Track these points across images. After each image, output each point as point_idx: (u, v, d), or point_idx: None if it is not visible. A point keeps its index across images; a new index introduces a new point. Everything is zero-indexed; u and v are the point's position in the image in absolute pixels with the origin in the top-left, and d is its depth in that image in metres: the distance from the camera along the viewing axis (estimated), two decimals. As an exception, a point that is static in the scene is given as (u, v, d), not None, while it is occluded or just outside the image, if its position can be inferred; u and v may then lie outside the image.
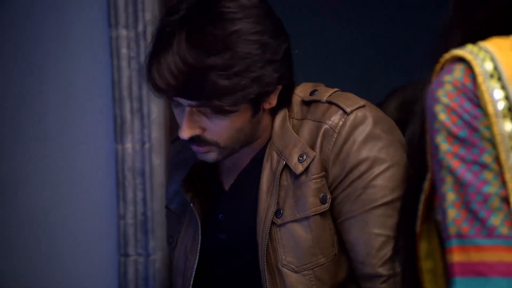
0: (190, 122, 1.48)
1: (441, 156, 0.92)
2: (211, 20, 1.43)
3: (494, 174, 0.89)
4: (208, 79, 1.41)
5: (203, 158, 1.53)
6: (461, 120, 0.91)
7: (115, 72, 2.03)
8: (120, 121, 2.04)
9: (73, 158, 2.09)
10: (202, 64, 1.41)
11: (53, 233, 2.10)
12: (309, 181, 1.49)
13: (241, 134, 1.52)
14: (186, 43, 1.41)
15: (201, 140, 1.50)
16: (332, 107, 1.51)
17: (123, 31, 2.02)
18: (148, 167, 2.04)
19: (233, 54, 1.42)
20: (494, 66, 0.92)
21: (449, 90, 0.92)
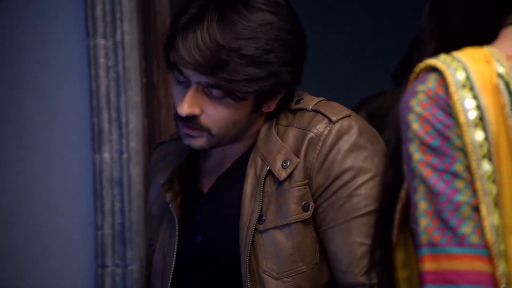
0: (193, 99, 1.50)
1: (413, 165, 0.93)
2: (245, 6, 1.48)
3: (465, 183, 0.90)
4: (231, 61, 1.46)
5: (190, 143, 1.54)
6: (434, 129, 0.92)
7: (93, 82, 2.03)
8: (98, 131, 2.03)
9: (50, 167, 2.09)
10: (230, 45, 1.45)
11: (29, 243, 2.09)
12: (292, 188, 1.50)
13: (235, 127, 1.53)
14: (218, 23, 1.46)
15: (195, 122, 1.52)
16: (317, 116, 1.52)
17: (101, 41, 2.03)
18: (126, 177, 2.03)
19: (259, 44, 1.47)
20: (466, 76, 0.93)
21: (422, 99, 0.93)
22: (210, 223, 1.59)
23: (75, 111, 2.06)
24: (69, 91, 2.07)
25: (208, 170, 1.64)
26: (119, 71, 2.02)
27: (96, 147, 2.04)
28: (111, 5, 2.01)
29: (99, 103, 2.03)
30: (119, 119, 2.03)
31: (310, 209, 1.50)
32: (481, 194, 0.89)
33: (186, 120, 1.52)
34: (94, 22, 2.02)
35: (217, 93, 1.50)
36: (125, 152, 2.04)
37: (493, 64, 0.94)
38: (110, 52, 2.03)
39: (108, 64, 2.03)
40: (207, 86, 1.49)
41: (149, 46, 2.06)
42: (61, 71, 2.07)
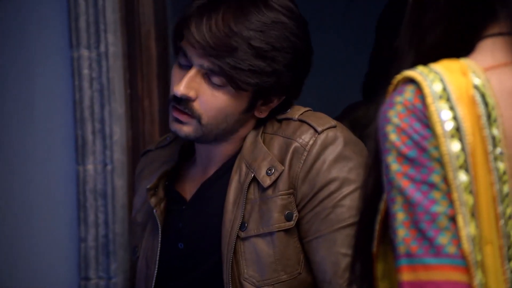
0: (191, 81, 1.53)
1: (391, 176, 0.93)
2: (262, 2, 1.53)
3: (442, 193, 0.91)
4: (240, 49, 1.50)
5: (177, 128, 1.56)
6: (411, 140, 0.93)
7: (77, 93, 2.03)
8: (82, 142, 2.04)
9: (34, 179, 2.08)
10: (242, 33, 1.50)
11: (11, 255, 2.08)
12: (275, 196, 1.51)
13: (224, 122, 1.55)
14: (234, 11, 1.51)
15: (187, 107, 1.53)
16: (303, 126, 1.54)
17: (84, 52, 2.03)
18: (110, 189, 2.03)
19: (269, 39, 1.51)
20: (443, 87, 0.94)
21: (400, 110, 0.94)
22: (192, 230, 1.60)
23: (59, 122, 2.06)
24: (52, 102, 2.07)
25: (192, 177, 1.65)
26: (103, 82, 2.03)
27: (80, 158, 2.04)
28: (95, 17, 2.02)
29: (83, 115, 2.03)
30: (103, 130, 2.03)
31: (293, 219, 1.51)
32: (457, 205, 0.90)
33: (179, 102, 1.53)
34: (77, 33, 2.03)
35: (217, 80, 1.52)
36: (109, 164, 2.04)
37: (469, 75, 0.95)
38: (94, 63, 2.03)
39: (92, 75, 2.03)
40: (209, 71, 1.52)
41: (133, 57, 2.07)
42: (44, 82, 2.07)
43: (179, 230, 1.61)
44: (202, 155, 1.64)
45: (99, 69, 2.03)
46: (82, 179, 2.04)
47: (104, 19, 2.02)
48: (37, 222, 2.08)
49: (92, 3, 2.02)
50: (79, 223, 2.04)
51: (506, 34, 0.99)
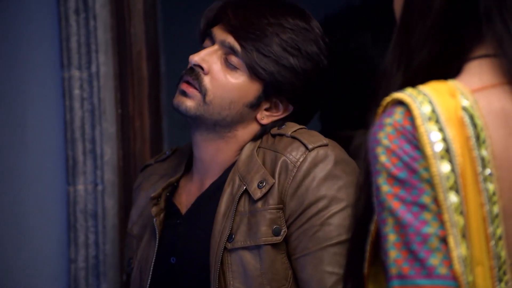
0: (208, 55, 1.57)
1: (382, 197, 0.94)
2: (299, 12, 1.61)
3: (433, 214, 0.92)
4: (268, 36, 1.54)
5: (180, 101, 1.58)
6: (401, 161, 0.94)
7: (67, 113, 2.04)
8: (72, 162, 2.04)
9: (24, 199, 2.08)
10: (274, 25, 1.56)
11: (1, 275, 2.08)
12: (264, 210, 1.52)
13: (228, 107, 1.57)
14: (272, 7, 1.58)
15: (197, 79, 1.56)
16: (295, 142, 1.55)
17: (75, 72, 2.04)
18: (100, 209, 2.03)
19: (296, 38, 1.57)
20: (432, 109, 0.95)
21: (390, 132, 0.95)
22: (185, 245, 1.60)
23: (49, 142, 2.06)
24: (43, 123, 2.07)
25: (189, 189, 1.66)
26: (94, 103, 2.03)
27: (70, 178, 2.04)
28: (86, 37, 2.03)
29: (74, 135, 2.03)
30: (94, 150, 2.04)
31: (281, 234, 1.51)
32: (448, 226, 0.91)
33: (190, 72, 1.57)
34: (68, 54, 2.03)
35: (235, 61, 1.56)
36: (100, 184, 2.04)
37: (458, 97, 0.96)
38: (85, 84, 2.04)
39: (83, 96, 2.04)
40: (230, 49, 1.56)
41: (124, 77, 2.07)
42: (35, 102, 2.07)
43: (172, 244, 1.62)
44: (198, 167, 1.65)
45: (90, 89, 2.03)
46: (72, 200, 2.03)
47: (95, 40, 2.03)
48: (27, 243, 2.07)
49: (83, 23, 2.03)
50: (69, 243, 2.03)
51: (493, 56, 1.00)
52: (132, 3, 2.07)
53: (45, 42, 2.06)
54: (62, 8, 2.02)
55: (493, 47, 1.00)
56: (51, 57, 2.05)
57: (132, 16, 2.07)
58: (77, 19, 2.02)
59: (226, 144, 1.61)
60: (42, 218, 2.07)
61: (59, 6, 2.02)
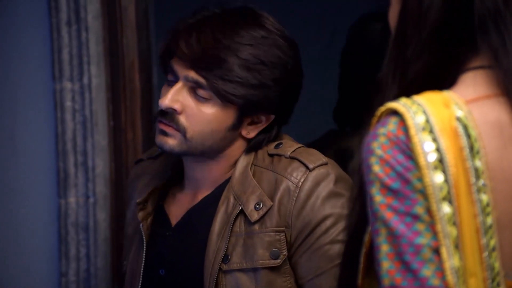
0: (176, 94, 1.54)
1: (375, 208, 0.94)
2: (253, 20, 1.56)
3: (426, 225, 0.92)
4: (227, 60, 1.51)
5: (162, 141, 1.56)
6: (394, 172, 0.94)
7: (59, 125, 2.04)
8: (64, 175, 2.03)
9: (15, 212, 2.07)
10: (230, 45, 1.52)
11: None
12: (262, 233, 1.51)
13: (211, 138, 1.56)
14: (223, 25, 1.54)
15: (173, 120, 1.55)
16: (294, 162, 1.55)
17: (67, 84, 2.04)
18: (92, 222, 2.03)
19: (257, 52, 1.53)
20: (426, 119, 0.95)
21: (383, 142, 0.96)
22: (174, 259, 1.60)
23: (40, 155, 2.06)
24: (34, 135, 2.07)
25: (180, 199, 1.65)
26: (86, 115, 2.03)
27: (62, 191, 2.03)
28: (78, 49, 2.03)
29: (65, 147, 2.03)
30: (85, 163, 2.03)
31: (280, 258, 1.51)
32: (441, 237, 0.91)
33: (164, 114, 1.55)
34: (60, 66, 2.03)
35: (203, 93, 1.54)
36: (92, 197, 2.03)
37: (452, 107, 0.96)
38: (77, 96, 2.04)
39: (74, 108, 2.04)
40: (194, 83, 1.53)
41: (117, 89, 2.08)
42: (26, 114, 2.07)
43: (161, 255, 1.61)
44: (190, 179, 1.65)
45: (82, 101, 2.04)
46: (63, 213, 2.03)
47: (87, 51, 2.03)
48: (17, 256, 2.07)
49: (75, 35, 2.03)
50: (60, 257, 2.03)
51: (488, 67, 1.01)
52: (124, 15, 2.07)
53: (36, 54, 2.06)
54: (53, 20, 2.02)
55: (488, 59, 1.01)
56: (43, 69, 2.06)
57: (124, 28, 2.07)
58: (69, 31, 2.03)
59: (217, 163, 1.61)
60: (33, 231, 2.06)
61: (51, 17, 2.03)
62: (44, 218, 2.05)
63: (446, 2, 1.01)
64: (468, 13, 1.00)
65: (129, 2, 2.08)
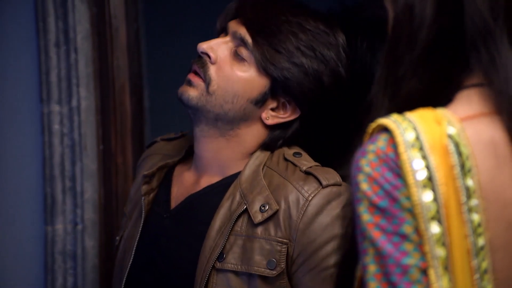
0: (218, 45, 1.59)
1: (363, 227, 0.95)
2: (323, 15, 1.61)
3: (414, 245, 0.92)
4: (283, 34, 1.56)
5: (183, 90, 1.58)
6: (382, 190, 0.94)
7: (46, 149, 2.04)
8: (51, 201, 2.04)
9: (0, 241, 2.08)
10: (292, 23, 1.56)
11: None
12: (263, 239, 1.51)
13: (232, 101, 1.56)
14: (293, 4, 1.60)
15: (203, 67, 1.57)
16: (309, 177, 1.54)
17: (55, 107, 2.05)
18: (80, 250, 2.03)
19: (314, 42, 1.57)
20: (416, 135, 0.96)
21: (372, 159, 0.96)
22: (168, 244, 1.59)
23: (27, 180, 2.07)
24: (20, 159, 2.07)
25: (183, 181, 1.65)
26: (74, 138, 2.04)
27: (49, 218, 2.03)
28: (66, 70, 2.04)
29: (53, 172, 2.04)
30: (73, 188, 2.04)
31: (276, 270, 1.50)
32: (429, 257, 0.91)
33: (198, 60, 1.58)
34: (48, 88, 2.04)
35: (244, 53, 1.57)
36: (80, 223, 2.04)
37: (444, 124, 0.97)
38: (65, 119, 2.05)
39: (62, 131, 2.05)
40: (240, 40, 1.57)
41: (106, 112, 2.08)
42: (12, 138, 2.08)
43: (156, 237, 1.61)
44: (197, 163, 1.64)
45: (71, 125, 2.04)
46: (50, 240, 2.03)
47: (76, 73, 2.04)
48: (1, 286, 2.06)
49: (64, 56, 2.04)
50: (46, 287, 2.02)
51: (481, 85, 1.02)
52: (115, 36, 2.09)
53: (23, 76, 2.07)
54: (42, 41, 2.04)
55: (481, 77, 1.02)
56: (30, 92, 2.07)
57: (115, 49, 2.09)
58: (57, 52, 2.04)
59: (227, 143, 1.60)
60: (18, 259, 2.06)
61: (39, 39, 2.04)
62: (29, 246, 2.05)
63: (437, 20, 1.02)
64: (459, 31, 1.01)
65: (120, 23, 2.10)
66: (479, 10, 1.00)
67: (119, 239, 1.71)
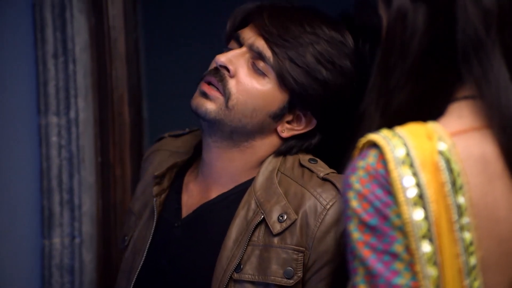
0: (236, 58, 1.56)
1: (353, 245, 0.94)
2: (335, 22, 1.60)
3: (405, 264, 0.91)
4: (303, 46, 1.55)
5: (200, 103, 1.55)
6: (373, 207, 0.94)
7: (44, 161, 2.05)
8: (48, 214, 2.04)
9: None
10: (310, 34, 1.55)
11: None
12: (280, 248, 1.50)
13: (250, 115, 1.55)
14: (309, 13, 1.58)
15: (221, 81, 1.54)
16: (326, 184, 1.54)
17: (53, 118, 2.05)
18: (77, 264, 2.03)
19: (332, 52, 1.56)
20: (406, 152, 0.95)
21: (362, 176, 0.96)
22: (179, 253, 1.58)
23: (24, 192, 2.07)
24: (17, 172, 2.08)
25: (192, 188, 1.64)
26: (72, 150, 2.04)
27: (46, 231, 2.04)
28: (65, 82, 2.05)
29: (50, 184, 2.04)
30: (71, 201, 2.04)
31: (294, 278, 1.49)
32: (420, 277, 0.91)
33: (215, 72, 1.55)
34: (46, 99, 2.05)
35: (263, 67, 1.55)
36: (77, 237, 2.04)
37: (435, 140, 0.96)
38: (63, 130, 2.05)
39: (60, 143, 2.05)
40: (258, 54, 1.55)
41: (105, 124, 2.09)
42: (9, 150, 2.08)
43: (167, 245, 1.60)
44: (206, 171, 1.62)
45: (69, 136, 2.05)
46: (47, 254, 2.03)
47: (74, 84, 2.05)
48: (-2, 300, 2.07)
49: (62, 67, 2.05)
50: (44, 301, 2.03)
51: (472, 98, 1.01)
52: (114, 46, 2.09)
53: (21, 87, 2.08)
54: (39, 52, 2.05)
55: (472, 89, 1.02)
56: (27, 103, 2.07)
57: (113, 60, 2.09)
58: (55, 63, 2.05)
59: (241, 154, 1.59)
60: (15, 273, 2.06)
61: (37, 49, 2.05)
62: (26, 260, 2.05)
63: (430, 29, 1.02)
64: (452, 41, 1.01)
65: (119, 33, 2.10)
66: (471, 21, 0.99)
67: (128, 239, 1.69)
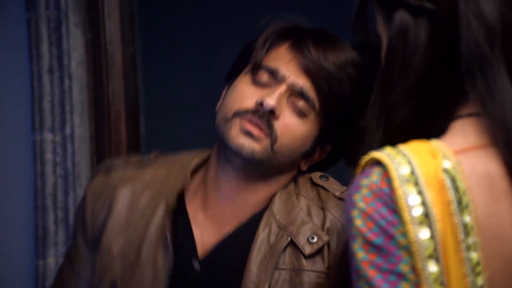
0: (280, 98, 1.50)
1: (357, 265, 0.94)
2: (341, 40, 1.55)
3: (411, 284, 0.92)
4: (345, 86, 1.50)
5: (246, 143, 1.49)
6: (377, 226, 0.94)
7: (38, 179, 2.05)
8: (42, 233, 2.04)
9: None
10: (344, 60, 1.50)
11: None
12: (312, 271, 1.48)
13: (289, 155, 1.52)
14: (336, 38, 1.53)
15: (268, 123, 1.49)
16: (343, 203, 1.50)
17: (48, 135, 2.06)
18: (72, 284, 2.03)
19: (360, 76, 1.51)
20: (411, 170, 0.96)
21: (366, 194, 0.96)
22: None
23: (18, 210, 2.07)
24: (11, 189, 2.08)
25: (204, 223, 1.56)
26: (67, 167, 2.05)
27: (40, 251, 2.03)
28: (60, 97, 2.05)
29: (45, 202, 2.04)
30: (66, 219, 2.04)
31: None
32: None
33: (261, 115, 1.49)
34: (41, 115, 2.05)
35: (304, 107, 1.50)
36: (73, 256, 2.03)
37: (439, 158, 0.97)
38: (58, 147, 2.05)
39: (55, 160, 2.06)
40: (300, 94, 1.50)
41: (101, 140, 2.09)
42: (3, 167, 2.08)
43: (187, 282, 1.52)
44: (219, 202, 1.55)
45: (64, 153, 2.05)
46: (41, 275, 2.03)
47: (70, 100, 2.05)
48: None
49: (57, 83, 2.06)
50: (38, 322, 2.02)
51: (477, 115, 1.02)
52: (110, 61, 2.10)
53: (15, 103, 2.08)
54: (35, 67, 2.06)
55: (477, 106, 1.02)
56: (22, 119, 2.08)
57: (110, 75, 2.10)
58: (50, 79, 2.06)
59: (266, 186, 1.55)
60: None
61: (32, 64, 2.06)
62: (20, 281, 2.05)
63: (432, 46, 1.02)
64: (455, 58, 1.02)
65: (116, 48, 2.11)
66: (475, 37, 1.00)
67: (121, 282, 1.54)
